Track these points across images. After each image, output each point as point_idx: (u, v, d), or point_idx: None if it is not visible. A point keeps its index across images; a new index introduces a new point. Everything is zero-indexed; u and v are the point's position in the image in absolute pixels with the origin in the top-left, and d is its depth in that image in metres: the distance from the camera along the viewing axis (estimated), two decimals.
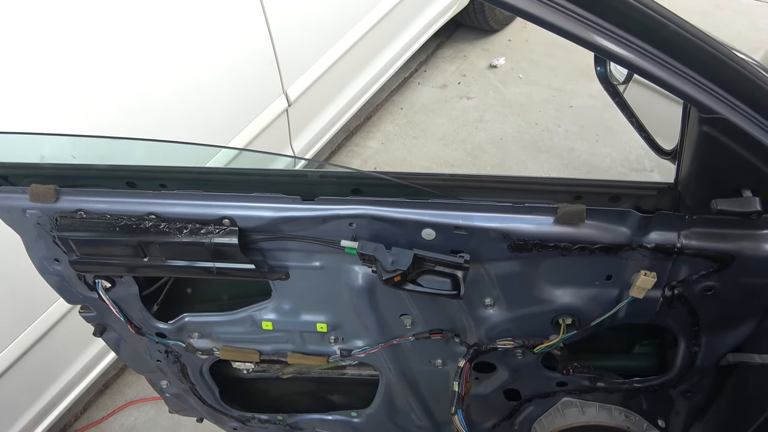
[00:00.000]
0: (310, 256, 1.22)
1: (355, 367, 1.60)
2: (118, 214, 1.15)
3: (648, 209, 1.04)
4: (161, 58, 2.16)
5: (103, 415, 2.70)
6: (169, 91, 2.22)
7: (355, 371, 1.62)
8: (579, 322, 1.20)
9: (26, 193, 1.16)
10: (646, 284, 1.09)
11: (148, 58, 2.12)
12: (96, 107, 2.02)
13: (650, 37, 0.80)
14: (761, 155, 0.88)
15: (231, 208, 1.13)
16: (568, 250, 1.07)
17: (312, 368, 1.58)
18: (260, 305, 1.36)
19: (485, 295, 1.21)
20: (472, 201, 1.06)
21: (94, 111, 2.01)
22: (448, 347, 1.36)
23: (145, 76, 2.13)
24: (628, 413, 1.47)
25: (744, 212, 0.92)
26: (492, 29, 4.18)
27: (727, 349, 1.25)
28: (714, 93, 0.82)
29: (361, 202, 1.08)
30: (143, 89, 2.13)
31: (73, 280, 1.33)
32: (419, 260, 1.08)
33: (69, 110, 1.96)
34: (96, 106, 2.02)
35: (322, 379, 1.66)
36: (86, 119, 1.99)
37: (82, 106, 1.98)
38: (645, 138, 1.20)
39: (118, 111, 2.07)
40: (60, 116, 1.94)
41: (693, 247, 1.04)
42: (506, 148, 3.51)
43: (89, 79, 1.98)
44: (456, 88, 3.94)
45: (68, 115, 1.96)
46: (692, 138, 0.91)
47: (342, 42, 2.90)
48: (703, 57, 0.80)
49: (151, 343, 1.49)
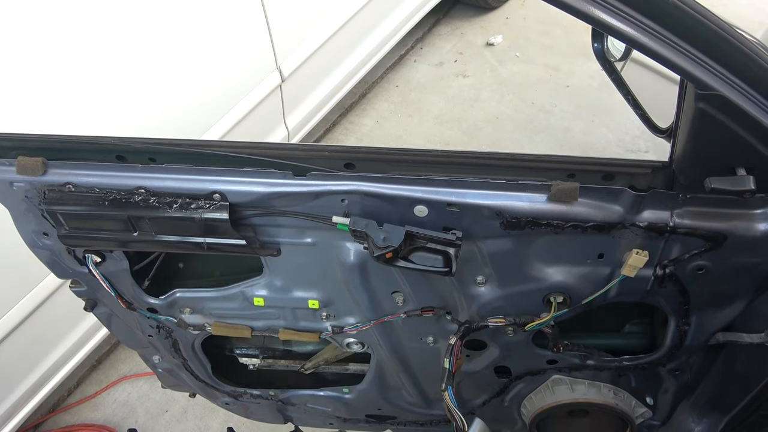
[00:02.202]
0: (301, 233, 1.21)
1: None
2: (107, 187, 1.14)
3: (642, 188, 1.04)
4: (150, 31, 2.12)
5: (96, 389, 2.71)
6: (159, 65, 2.18)
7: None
8: (570, 300, 1.21)
9: (13, 165, 1.14)
10: (637, 263, 1.09)
11: (138, 29, 2.08)
12: (86, 84, 1.99)
13: (649, 11, 0.78)
14: (757, 133, 0.87)
15: (222, 182, 1.11)
16: (560, 228, 1.07)
17: (329, 363, 1.58)
18: (252, 281, 1.35)
19: (477, 272, 1.21)
20: (465, 178, 1.05)
21: (86, 87, 1.98)
22: (440, 325, 1.36)
23: (134, 50, 2.09)
24: (617, 391, 1.49)
25: (738, 191, 0.92)
26: (490, 6, 4.13)
27: (717, 328, 1.25)
28: (712, 69, 0.81)
29: (354, 177, 1.07)
30: (133, 64, 2.10)
31: (62, 255, 1.32)
32: (411, 237, 1.08)
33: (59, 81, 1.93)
34: (86, 83, 1.98)
35: (314, 355, 1.67)
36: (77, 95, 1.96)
37: (71, 81, 1.95)
38: (641, 116, 1.19)
39: (109, 84, 2.04)
40: (50, 88, 1.91)
41: (686, 226, 1.04)
42: (502, 127, 3.50)
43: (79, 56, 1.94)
44: (452, 66, 3.90)
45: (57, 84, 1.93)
46: (688, 115, 0.90)
47: (337, 16, 2.86)
48: (703, 32, 0.79)
49: (142, 319, 1.48)
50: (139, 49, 2.10)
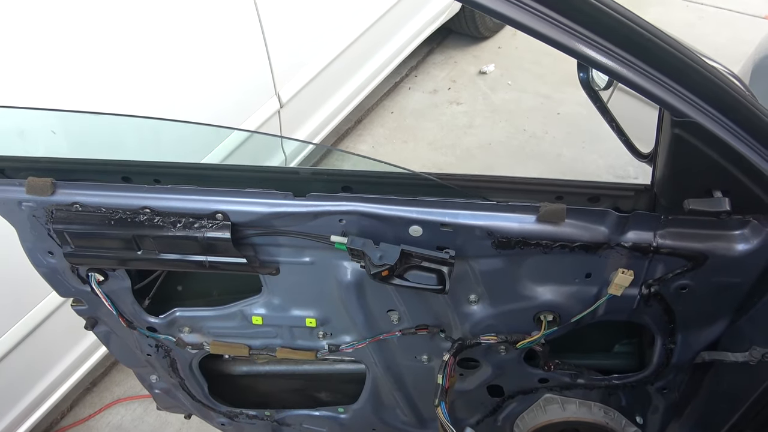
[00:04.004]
0: (300, 252, 1.25)
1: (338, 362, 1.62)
2: (113, 207, 1.18)
3: (626, 209, 1.09)
4: (153, 59, 2.18)
5: (90, 412, 2.70)
6: (161, 91, 2.24)
7: (340, 367, 1.64)
8: (560, 318, 1.24)
9: (23, 185, 1.18)
10: (623, 282, 1.13)
11: (141, 58, 2.14)
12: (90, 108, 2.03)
13: (627, 45, 0.84)
14: (730, 157, 0.92)
15: (224, 202, 1.15)
16: (549, 247, 1.11)
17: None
18: (251, 300, 1.38)
19: (470, 291, 1.25)
20: (458, 199, 1.10)
21: None
22: (434, 343, 1.39)
23: (137, 77, 2.15)
24: (607, 410, 1.52)
25: (714, 212, 0.97)
26: (482, 36, 4.25)
27: (702, 346, 1.29)
28: (685, 97, 0.87)
29: (351, 198, 1.12)
30: (135, 90, 2.15)
31: (66, 273, 1.35)
32: (406, 256, 1.12)
33: None
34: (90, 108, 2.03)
35: (310, 375, 1.69)
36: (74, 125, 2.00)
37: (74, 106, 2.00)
38: (624, 141, 1.25)
39: (114, 105, 2.09)
40: None
41: (668, 246, 1.09)
42: (494, 153, 3.56)
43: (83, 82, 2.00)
44: (446, 94, 3.99)
45: None
46: (666, 141, 0.96)
47: (334, 45, 2.94)
48: (675, 63, 0.85)
49: (141, 337, 1.51)
50: (140, 74, 2.16)
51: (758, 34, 2.44)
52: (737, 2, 4.31)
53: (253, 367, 1.70)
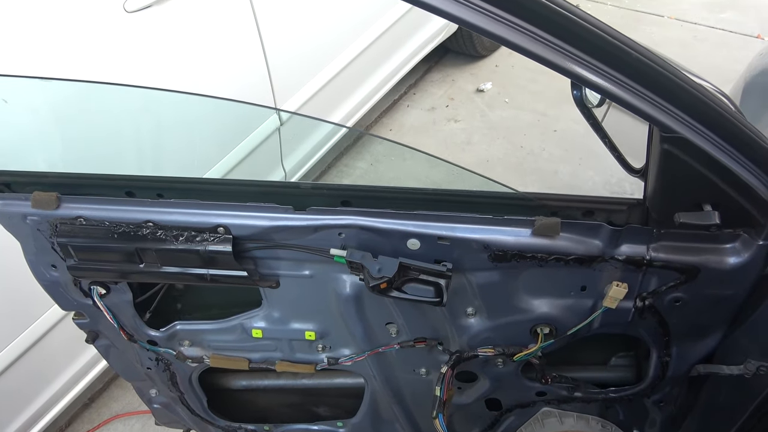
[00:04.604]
0: (300, 265, 1.27)
1: (338, 373, 1.63)
2: (116, 221, 1.20)
3: (619, 223, 1.11)
4: (155, 74, 2.22)
5: (88, 428, 2.69)
6: (160, 107, 2.28)
7: (339, 381, 1.65)
8: (556, 331, 1.26)
9: (28, 200, 1.20)
10: (618, 294, 1.15)
11: (144, 73, 2.18)
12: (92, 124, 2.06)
13: (616, 64, 0.87)
14: (717, 172, 0.95)
15: (226, 216, 1.18)
16: (544, 260, 1.13)
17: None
18: (251, 313, 1.40)
19: (467, 304, 1.27)
20: (455, 213, 1.13)
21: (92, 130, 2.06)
22: (432, 356, 1.40)
23: (141, 93, 2.19)
24: (605, 423, 1.53)
25: (704, 225, 0.99)
26: (479, 55, 4.31)
27: (697, 359, 1.30)
28: (673, 114, 0.90)
29: (351, 212, 1.14)
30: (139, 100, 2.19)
31: (68, 287, 1.37)
32: (404, 268, 1.14)
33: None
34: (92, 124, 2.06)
35: (309, 390, 1.70)
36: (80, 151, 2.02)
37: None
38: (617, 157, 1.27)
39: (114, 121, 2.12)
40: None
41: (661, 260, 1.11)
42: (492, 169, 3.60)
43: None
44: (444, 111, 4.04)
45: None
46: (656, 156, 0.98)
47: (334, 63, 2.99)
48: (663, 81, 0.88)
49: (142, 351, 1.52)
50: (144, 93, 2.20)
51: (751, 53, 2.49)
52: (731, 22, 4.39)
53: (251, 381, 1.71)
